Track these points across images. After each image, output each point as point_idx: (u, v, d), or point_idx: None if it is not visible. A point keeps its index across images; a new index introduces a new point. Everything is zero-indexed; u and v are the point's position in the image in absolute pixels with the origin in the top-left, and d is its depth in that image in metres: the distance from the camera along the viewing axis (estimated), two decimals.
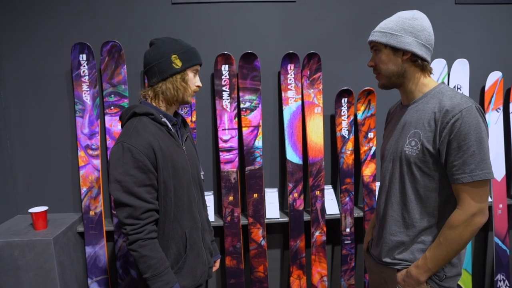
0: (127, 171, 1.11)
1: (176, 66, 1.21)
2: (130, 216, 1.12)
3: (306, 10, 2.06)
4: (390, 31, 1.11)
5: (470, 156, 1.00)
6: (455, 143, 1.01)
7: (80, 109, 1.95)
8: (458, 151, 1.01)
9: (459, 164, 1.01)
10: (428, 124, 1.06)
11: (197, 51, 1.28)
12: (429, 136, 1.05)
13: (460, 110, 1.00)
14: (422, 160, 1.07)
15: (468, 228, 1.03)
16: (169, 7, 2.00)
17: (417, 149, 1.08)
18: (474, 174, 1.00)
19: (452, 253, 1.06)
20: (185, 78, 1.23)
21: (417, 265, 1.10)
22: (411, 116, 1.13)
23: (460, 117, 0.99)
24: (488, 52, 2.18)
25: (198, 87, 1.29)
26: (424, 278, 1.09)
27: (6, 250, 1.70)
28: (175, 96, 1.23)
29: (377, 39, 1.12)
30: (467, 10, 2.13)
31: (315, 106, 2.04)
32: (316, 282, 2.10)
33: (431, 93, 1.11)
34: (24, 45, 1.97)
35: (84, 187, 1.97)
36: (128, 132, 1.16)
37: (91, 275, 2.00)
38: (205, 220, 1.39)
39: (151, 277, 1.13)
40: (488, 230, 2.29)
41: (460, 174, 1.01)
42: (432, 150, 1.05)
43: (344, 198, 2.07)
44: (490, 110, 2.14)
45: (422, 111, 1.10)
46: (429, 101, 1.10)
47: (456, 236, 1.04)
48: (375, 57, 1.16)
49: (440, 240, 1.06)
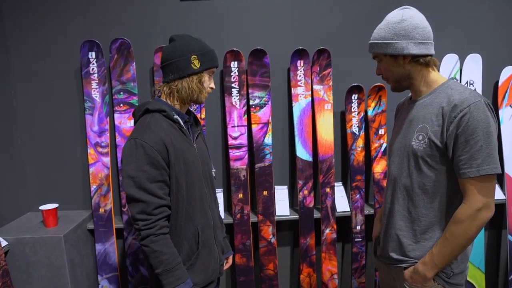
0: (139, 167, 1.11)
1: (194, 67, 1.21)
2: (143, 212, 1.12)
3: (315, 6, 2.04)
4: (384, 40, 1.11)
5: (478, 151, 0.99)
6: (462, 137, 1.00)
7: (89, 107, 1.96)
8: (466, 146, 1.00)
9: (466, 158, 1.01)
10: (436, 118, 1.06)
11: (215, 54, 1.28)
12: (437, 130, 1.05)
13: (468, 104, 1.00)
14: (429, 154, 1.07)
15: (474, 222, 1.02)
16: (177, 4, 1.99)
17: (424, 143, 1.08)
18: (481, 168, 1.00)
19: (458, 249, 1.05)
20: (201, 80, 1.24)
21: (424, 261, 1.10)
22: (418, 111, 1.13)
23: (469, 112, 0.99)
24: (502, 47, 2.13)
25: (211, 89, 1.29)
26: (431, 275, 1.09)
27: (18, 247, 1.72)
28: (190, 96, 1.24)
29: (374, 51, 1.15)
30: (480, 4, 2.09)
31: (325, 103, 2.02)
32: (327, 280, 2.09)
33: (439, 89, 1.11)
34: (34, 43, 1.98)
35: (94, 185, 1.97)
36: (141, 129, 1.16)
37: (101, 272, 2.01)
38: (217, 217, 1.38)
39: (163, 272, 1.13)
40: (502, 228, 2.25)
41: (467, 168, 1.01)
42: (439, 144, 1.05)
43: (354, 196, 2.05)
44: (504, 106, 2.10)
45: (430, 105, 1.10)
46: (437, 96, 1.10)
47: (462, 231, 1.03)
48: (379, 66, 1.19)
49: (447, 236, 1.06)
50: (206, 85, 1.26)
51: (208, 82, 1.27)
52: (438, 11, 2.07)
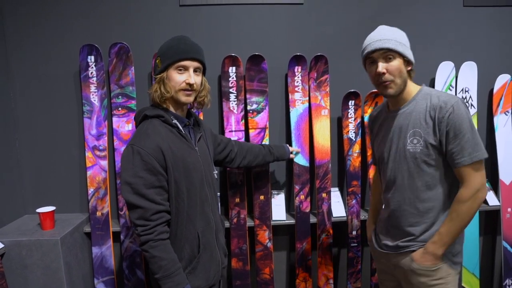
0: (136, 173, 1.12)
1: (158, 68, 1.23)
2: (141, 217, 1.13)
3: (313, 12, 2.06)
4: (403, 41, 1.21)
5: (466, 142, 1.15)
6: (452, 133, 1.15)
7: (88, 110, 1.97)
8: (455, 139, 1.15)
9: (458, 150, 1.16)
10: (425, 122, 1.19)
11: (181, 47, 1.20)
12: (429, 132, 1.19)
13: (451, 105, 1.15)
14: (426, 154, 1.20)
15: (475, 201, 1.17)
16: (176, 9, 2.01)
17: (421, 145, 1.20)
18: (473, 156, 1.15)
19: (463, 226, 1.20)
20: (165, 78, 1.20)
21: (434, 241, 1.21)
22: (404, 119, 1.25)
23: (452, 111, 1.15)
24: (497, 55, 2.16)
25: (188, 84, 1.21)
26: (441, 252, 1.21)
27: (14, 249, 1.72)
28: (163, 97, 1.21)
29: (395, 48, 1.18)
30: (475, 13, 2.12)
31: (322, 108, 2.03)
32: (322, 284, 2.09)
33: (418, 96, 1.25)
34: (33, 46, 1.99)
35: (91, 188, 1.97)
36: (138, 135, 1.18)
37: (97, 275, 2.01)
38: (219, 220, 1.38)
39: (162, 278, 1.14)
40: (496, 234, 2.27)
41: (461, 158, 1.16)
42: (434, 142, 1.18)
43: (350, 201, 2.07)
44: (499, 113, 2.12)
45: (415, 112, 1.23)
46: (418, 103, 1.23)
47: (466, 209, 1.17)
48: (386, 65, 1.20)
49: (453, 216, 1.19)
50: (177, 81, 1.20)
51: (179, 77, 1.20)
52: (434, 19, 2.09)
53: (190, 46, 1.22)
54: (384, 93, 1.25)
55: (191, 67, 1.21)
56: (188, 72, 1.21)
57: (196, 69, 1.24)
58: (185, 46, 1.21)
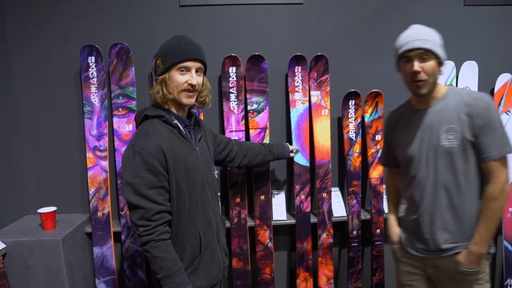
0: (137, 174, 1.12)
1: (159, 69, 1.22)
2: (142, 218, 1.13)
3: (313, 12, 2.06)
4: (439, 43, 1.24)
5: (497, 137, 1.21)
6: (485, 128, 1.21)
7: (88, 111, 1.97)
8: (487, 134, 1.21)
9: (490, 144, 1.21)
10: (459, 118, 1.23)
11: (182, 48, 1.19)
12: (465, 127, 1.22)
13: (484, 102, 1.21)
14: (462, 148, 1.24)
15: (504, 195, 1.23)
16: (177, 10, 2.01)
17: (457, 141, 1.24)
18: (502, 150, 1.21)
19: (499, 221, 1.25)
20: (167, 79, 1.20)
21: (476, 241, 1.25)
22: (435, 116, 1.28)
23: (486, 107, 1.21)
24: (498, 54, 2.16)
25: (190, 85, 1.21)
26: (485, 251, 1.26)
27: (16, 249, 1.72)
28: (165, 97, 1.20)
29: (433, 49, 1.21)
30: (476, 12, 2.12)
31: (322, 108, 2.03)
32: (323, 284, 2.10)
33: (448, 95, 1.29)
34: (34, 47, 1.99)
35: (92, 188, 1.98)
36: (139, 135, 1.18)
37: (98, 275, 2.01)
38: (220, 220, 1.38)
39: (163, 278, 1.15)
40: (497, 234, 2.26)
41: (491, 152, 1.21)
42: (471, 137, 1.23)
43: (351, 201, 2.07)
44: (500, 113, 2.11)
45: (447, 109, 1.26)
46: (449, 101, 1.27)
47: (499, 205, 1.23)
48: (422, 64, 1.23)
49: (488, 214, 1.24)
50: (179, 82, 1.19)
51: (180, 78, 1.19)
52: (434, 18, 2.09)
53: (191, 46, 1.22)
54: (416, 91, 1.27)
55: (193, 67, 1.21)
56: (190, 73, 1.21)
57: (198, 69, 1.23)
58: (186, 46, 1.20)
